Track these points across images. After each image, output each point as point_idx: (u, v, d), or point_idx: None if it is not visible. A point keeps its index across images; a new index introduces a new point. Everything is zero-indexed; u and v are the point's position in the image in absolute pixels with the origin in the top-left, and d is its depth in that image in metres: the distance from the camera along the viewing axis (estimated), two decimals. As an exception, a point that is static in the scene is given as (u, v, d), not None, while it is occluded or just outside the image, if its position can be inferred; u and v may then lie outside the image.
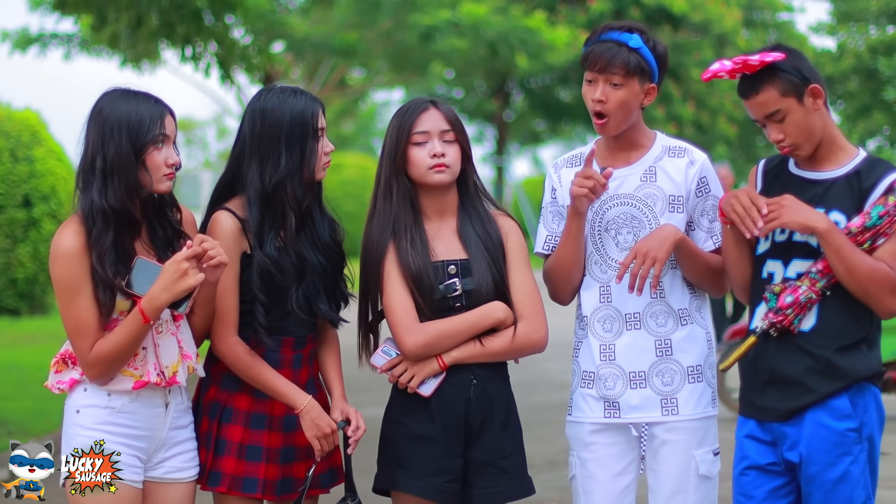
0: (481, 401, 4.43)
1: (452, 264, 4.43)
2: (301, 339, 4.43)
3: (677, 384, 4.42)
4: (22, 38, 26.87)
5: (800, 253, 4.21)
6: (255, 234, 4.33)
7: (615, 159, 4.47)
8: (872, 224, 4.14)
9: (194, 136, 64.50)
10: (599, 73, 4.36)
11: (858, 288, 4.13)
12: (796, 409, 4.20)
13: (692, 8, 34.48)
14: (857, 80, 20.17)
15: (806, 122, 4.18)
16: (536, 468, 7.19)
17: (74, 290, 4.07)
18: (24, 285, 16.39)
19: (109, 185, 4.09)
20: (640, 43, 4.36)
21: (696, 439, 4.43)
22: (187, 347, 4.25)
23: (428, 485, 4.39)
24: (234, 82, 13.61)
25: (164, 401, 4.22)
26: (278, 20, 29.15)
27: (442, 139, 4.44)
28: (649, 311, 4.43)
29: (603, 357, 4.45)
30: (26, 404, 10.72)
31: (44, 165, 16.81)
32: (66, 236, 4.09)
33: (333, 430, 4.36)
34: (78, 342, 4.09)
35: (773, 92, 4.17)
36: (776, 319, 4.18)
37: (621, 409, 4.44)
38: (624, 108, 4.37)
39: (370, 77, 37.25)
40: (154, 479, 4.24)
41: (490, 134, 42.89)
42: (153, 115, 4.13)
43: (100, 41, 16.56)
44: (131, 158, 4.09)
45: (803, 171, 4.28)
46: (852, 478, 4.18)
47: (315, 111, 4.38)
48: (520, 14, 31.69)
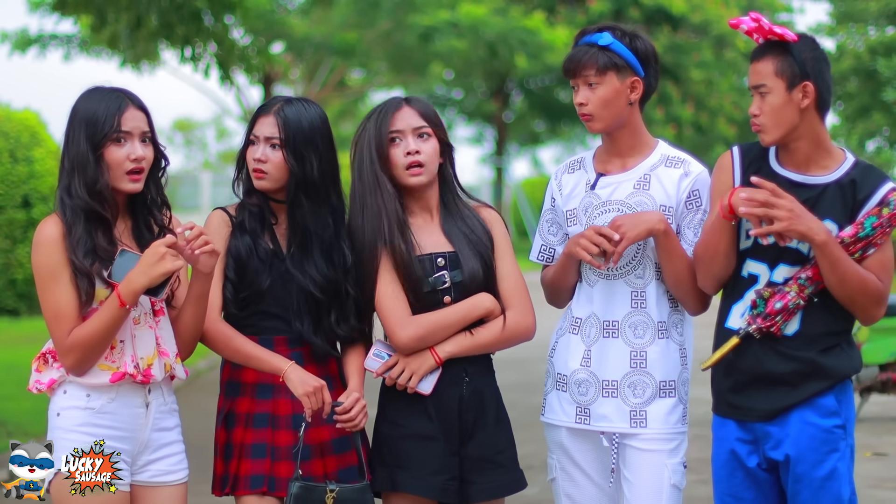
0: (474, 397, 4.45)
1: (441, 257, 4.44)
2: (296, 338, 4.43)
3: (648, 397, 4.40)
4: (21, 38, 26.89)
5: (789, 259, 4.19)
6: (241, 230, 4.41)
7: (612, 164, 4.48)
8: (865, 235, 4.13)
9: (194, 137, 64.52)
10: (576, 78, 4.39)
11: (846, 298, 4.14)
12: (781, 409, 4.20)
13: (691, 9, 34.50)
14: (856, 80, 20.20)
15: (782, 110, 4.17)
16: (535, 469, 7.18)
17: (53, 276, 4.08)
18: (24, 286, 16.34)
19: (72, 183, 4.11)
20: (610, 39, 4.37)
21: (668, 449, 4.40)
22: (165, 345, 4.23)
23: (430, 484, 4.39)
24: (234, 83, 13.62)
25: (145, 401, 4.20)
26: (278, 20, 29.19)
27: (416, 135, 4.45)
28: (628, 320, 4.41)
29: (584, 362, 4.45)
30: (25, 405, 10.72)
31: (43, 166, 16.76)
32: (48, 226, 4.12)
33: (322, 386, 4.31)
34: (56, 329, 4.09)
35: (769, 66, 4.19)
36: (764, 325, 4.17)
37: (591, 417, 4.43)
38: (606, 105, 4.38)
39: (369, 78, 37.27)
40: (141, 482, 4.22)
41: (489, 135, 42.93)
42: (109, 110, 4.12)
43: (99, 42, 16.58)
44: (88, 155, 4.10)
45: (790, 173, 4.23)
46: (840, 474, 4.18)
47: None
48: (519, 15, 31.72)
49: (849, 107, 20.56)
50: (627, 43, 4.38)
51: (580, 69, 4.36)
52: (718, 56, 35.23)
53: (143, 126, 4.17)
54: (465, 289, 4.43)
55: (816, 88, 4.17)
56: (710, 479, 4.41)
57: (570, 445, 4.48)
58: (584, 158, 4.57)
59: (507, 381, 4.60)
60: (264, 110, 4.46)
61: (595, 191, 4.44)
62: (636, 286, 4.40)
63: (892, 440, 9.52)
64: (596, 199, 4.42)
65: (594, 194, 4.44)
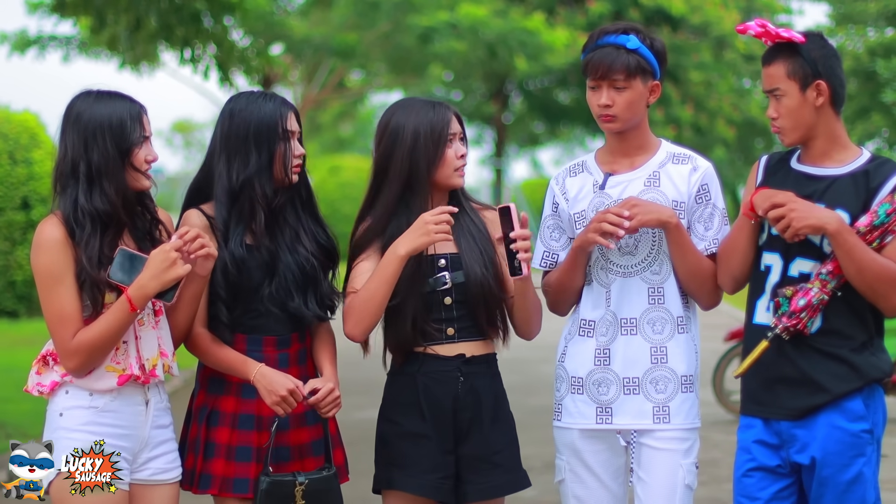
0: (469, 397, 4.46)
1: (442, 258, 4.46)
2: (284, 339, 4.44)
3: (670, 392, 4.42)
4: (21, 40, 26.85)
5: (802, 251, 4.21)
6: (222, 232, 4.38)
7: (619, 164, 4.49)
8: (880, 222, 4.14)
9: (193, 139, 64.54)
10: (602, 79, 4.38)
11: (867, 287, 4.14)
12: (809, 409, 4.20)
13: (691, 10, 34.50)
14: (855, 82, 20.18)
15: (799, 110, 4.22)
16: (536, 471, 7.17)
17: (57, 278, 4.08)
18: (23, 287, 16.39)
19: (95, 189, 4.11)
20: (637, 43, 4.39)
21: (684, 449, 4.42)
22: (164, 345, 4.26)
23: (423, 482, 4.41)
24: (233, 84, 13.60)
25: (144, 398, 4.22)
26: (277, 22, 29.17)
27: (460, 139, 4.52)
28: (646, 317, 4.43)
29: (598, 361, 4.46)
30: (25, 406, 10.72)
31: (42, 168, 16.81)
32: (49, 228, 4.11)
33: (290, 391, 4.31)
34: (59, 331, 4.10)
35: (781, 69, 4.23)
36: (790, 324, 4.17)
37: (614, 415, 4.43)
38: (631, 108, 4.40)
39: (369, 79, 37.26)
40: (140, 481, 4.23)
41: (489, 136, 42.89)
42: (133, 115, 4.17)
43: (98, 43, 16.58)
44: (118, 161, 4.13)
45: (805, 167, 4.29)
46: (865, 479, 4.19)
47: (284, 113, 4.45)
48: (518, 16, 31.70)
49: (848, 108, 20.51)
50: (649, 45, 4.40)
51: (609, 71, 4.36)
52: (718, 57, 35.22)
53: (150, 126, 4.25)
54: (467, 290, 4.43)
55: (830, 85, 4.22)
56: (711, 480, 4.43)
57: (583, 447, 4.47)
58: (585, 161, 4.58)
59: (507, 383, 4.59)
60: (288, 106, 4.47)
61: (605, 190, 4.46)
62: (653, 282, 4.42)
63: (891, 441, 9.52)
64: (607, 199, 4.44)
65: (605, 194, 4.45)
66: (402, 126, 4.46)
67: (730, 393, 10.45)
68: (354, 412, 7.17)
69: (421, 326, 4.42)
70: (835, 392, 4.17)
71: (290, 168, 4.43)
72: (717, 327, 13.04)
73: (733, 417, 9.96)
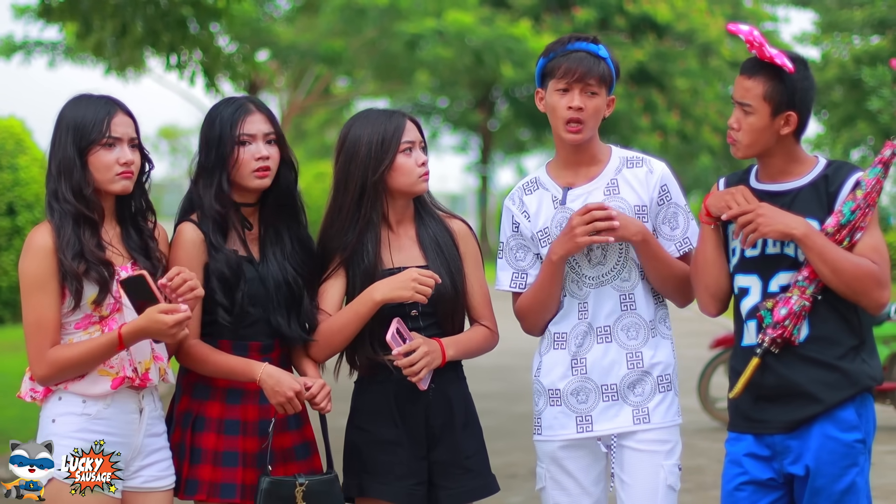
0: (441, 403, 4.47)
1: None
2: (268, 345, 4.45)
3: (648, 394, 4.43)
4: (6, 45, 26.85)
5: (784, 266, 4.20)
6: (212, 244, 4.39)
7: (576, 176, 4.49)
8: (847, 221, 4.13)
9: (179, 145, 64.55)
10: (577, 83, 4.37)
11: (845, 287, 4.13)
12: (802, 421, 4.19)
13: (677, 17, 34.58)
14: (841, 89, 20.24)
15: (762, 132, 4.20)
16: (521, 478, 7.16)
17: (41, 284, 4.10)
18: (9, 294, 16.37)
19: (59, 187, 4.15)
20: (606, 54, 4.42)
21: (665, 450, 4.43)
22: (158, 350, 4.27)
23: (397, 489, 4.43)
24: (219, 90, 13.57)
25: (139, 406, 4.23)
26: (263, 28, 29.17)
27: (420, 147, 4.50)
28: (620, 323, 4.44)
29: (574, 371, 4.46)
30: (11, 412, 10.70)
31: (28, 174, 16.81)
32: (40, 234, 4.15)
33: (297, 392, 4.33)
34: (35, 338, 4.11)
35: (759, 87, 4.19)
36: (776, 334, 4.16)
37: (594, 423, 4.44)
38: (596, 116, 4.41)
39: (355, 86, 37.29)
40: (132, 488, 4.24)
41: (474, 143, 42.96)
42: (98, 116, 4.18)
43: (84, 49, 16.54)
44: (75, 160, 4.15)
45: (765, 185, 4.26)
46: (858, 488, 4.18)
47: (241, 116, 4.42)
48: (505, 23, 31.76)
49: (833, 116, 20.60)
50: (612, 59, 4.43)
51: (586, 76, 4.36)
52: (704, 64, 35.32)
53: (132, 132, 4.23)
54: (435, 301, 4.43)
55: (800, 118, 4.20)
56: (696, 487, 4.43)
57: (563, 455, 4.48)
58: (538, 178, 4.55)
59: (491, 391, 4.62)
60: (245, 110, 4.43)
61: (566, 205, 4.44)
62: (623, 289, 4.42)
63: (878, 449, 9.53)
64: (569, 213, 4.41)
65: (566, 209, 4.44)
66: (358, 137, 4.47)
67: (715, 400, 10.43)
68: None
69: (382, 342, 4.40)
70: (828, 402, 4.16)
71: (247, 173, 4.40)
72: (703, 334, 13.02)
73: (719, 425, 9.96)
